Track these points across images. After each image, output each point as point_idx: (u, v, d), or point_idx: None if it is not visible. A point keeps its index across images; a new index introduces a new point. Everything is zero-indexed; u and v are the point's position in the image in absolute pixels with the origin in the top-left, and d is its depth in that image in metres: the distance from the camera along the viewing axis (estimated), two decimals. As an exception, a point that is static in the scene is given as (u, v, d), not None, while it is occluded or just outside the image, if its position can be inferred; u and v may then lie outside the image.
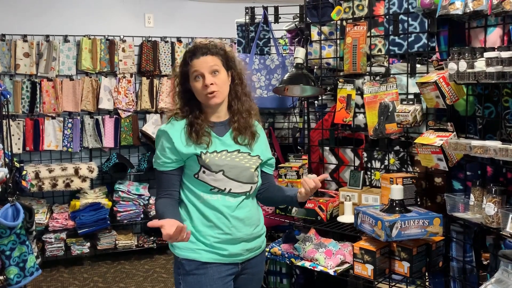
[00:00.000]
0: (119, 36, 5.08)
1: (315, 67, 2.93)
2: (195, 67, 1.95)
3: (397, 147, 2.56)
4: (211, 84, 1.93)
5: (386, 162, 2.59)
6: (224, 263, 1.97)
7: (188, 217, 1.98)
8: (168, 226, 1.73)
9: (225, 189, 1.97)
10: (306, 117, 2.98)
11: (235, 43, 4.70)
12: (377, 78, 2.56)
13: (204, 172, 1.95)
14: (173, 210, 1.94)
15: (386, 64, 2.60)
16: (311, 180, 1.97)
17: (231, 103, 2.05)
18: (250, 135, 2.04)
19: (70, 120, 4.93)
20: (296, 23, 3.27)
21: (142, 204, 4.93)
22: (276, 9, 3.35)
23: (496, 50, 1.86)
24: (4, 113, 3.15)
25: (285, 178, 2.74)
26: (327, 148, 2.83)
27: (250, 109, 2.07)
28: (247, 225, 2.00)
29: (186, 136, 1.96)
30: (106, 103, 5.01)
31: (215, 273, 1.95)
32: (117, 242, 4.91)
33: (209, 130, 1.98)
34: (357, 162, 2.72)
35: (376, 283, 2.23)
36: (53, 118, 4.90)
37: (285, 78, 2.74)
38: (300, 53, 2.75)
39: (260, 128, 2.13)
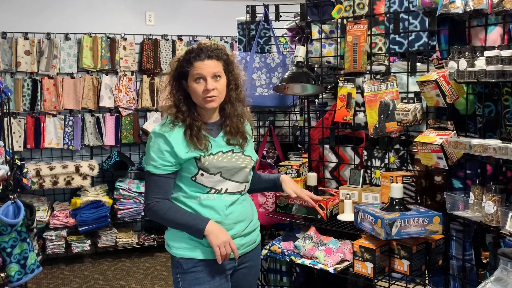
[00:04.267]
0: (120, 34, 5.08)
1: (316, 65, 2.92)
2: (199, 70, 1.93)
3: (397, 146, 2.56)
4: (213, 89, 1.93)
5: (386, 161, 2.60)
6: None
7: None
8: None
9: (221, 189, 1.99)
10: (306, 116, 2.98)
11: (236, 42, 4.69)
12: (378, 76, 2.56)
13: (202, 174, 1.96)
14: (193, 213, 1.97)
15: (386, 62, 2.60)
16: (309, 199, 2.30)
17: (224, 107, 2.05)
18: (242, 138, 2.06)
19: (71, 118, 4.94)
20: (297, 21, 3.27)
21: (142, 202, 4.93)
22: (277, 7, 3.34)
23: (496, 49, 1.86)
24: (5, 110, 3.16)
25: (286, 176, 2.74)
26: (328, 146, 2.83)
27: (242, 115, 2.08)
28: (242, 221, 2.03)
29: (185, 141, 1.94)
30: (107, 101, 5.02)
31: (213, 269, 1.97)
32: (117, 239, 4.92)
33: (205, 133, 1.99)
34: (357, 161, 2.72)
35: (376, 281, 2.23)
36: (54, 116, 4.90)
37: (285, 76, 2.75)
38: (300, 51, 2.75)
39: (250, 131, 2.14)
